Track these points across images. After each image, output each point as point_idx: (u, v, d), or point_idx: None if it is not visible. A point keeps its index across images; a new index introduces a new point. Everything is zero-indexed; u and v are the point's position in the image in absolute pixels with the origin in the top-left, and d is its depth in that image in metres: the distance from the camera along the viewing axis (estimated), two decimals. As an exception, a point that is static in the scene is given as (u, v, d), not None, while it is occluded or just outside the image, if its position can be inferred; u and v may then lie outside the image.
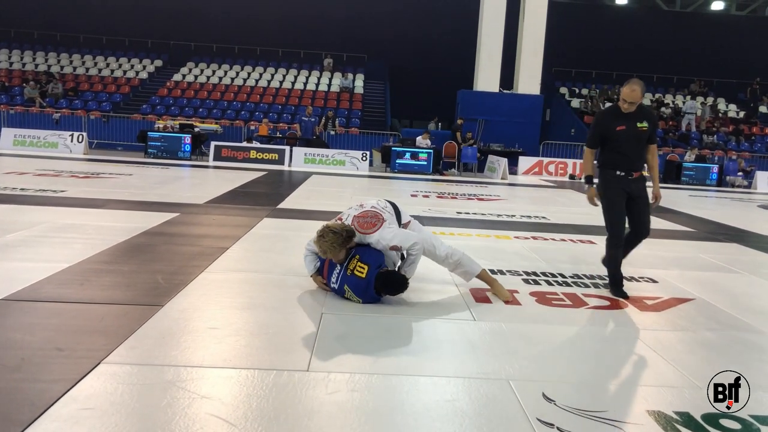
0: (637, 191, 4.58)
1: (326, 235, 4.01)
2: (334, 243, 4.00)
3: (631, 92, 4.39)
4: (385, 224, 4.22)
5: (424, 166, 17.22)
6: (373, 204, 4.45)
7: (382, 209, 4.40)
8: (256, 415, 2.47)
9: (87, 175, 11.37)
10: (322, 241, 4.02)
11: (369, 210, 4.34)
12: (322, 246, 4.03)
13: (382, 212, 4.34)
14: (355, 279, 4.05)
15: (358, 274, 4.04)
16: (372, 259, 4.09)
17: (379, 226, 4.18)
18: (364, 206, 4.41)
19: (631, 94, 4.39)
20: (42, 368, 2.80)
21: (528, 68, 20.59)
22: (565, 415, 2.62)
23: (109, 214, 7.15)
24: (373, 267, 4.04)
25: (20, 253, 4.96)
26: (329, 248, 4.02)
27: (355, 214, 4.31)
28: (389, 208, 4.49)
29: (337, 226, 4.09)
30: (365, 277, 4.01)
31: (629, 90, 4.39)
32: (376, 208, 4.38)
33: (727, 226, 8.83)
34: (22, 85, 22.84)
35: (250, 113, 23.01)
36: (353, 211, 4.37)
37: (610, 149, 4.61)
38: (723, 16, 29.18)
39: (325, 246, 4.02)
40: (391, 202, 4.60)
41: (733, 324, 4.17)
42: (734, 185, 18.87)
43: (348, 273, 4.08)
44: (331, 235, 4.01)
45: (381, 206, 4.44)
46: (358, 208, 4.39)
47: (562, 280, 5.09)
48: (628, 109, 4.44)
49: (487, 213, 9.30)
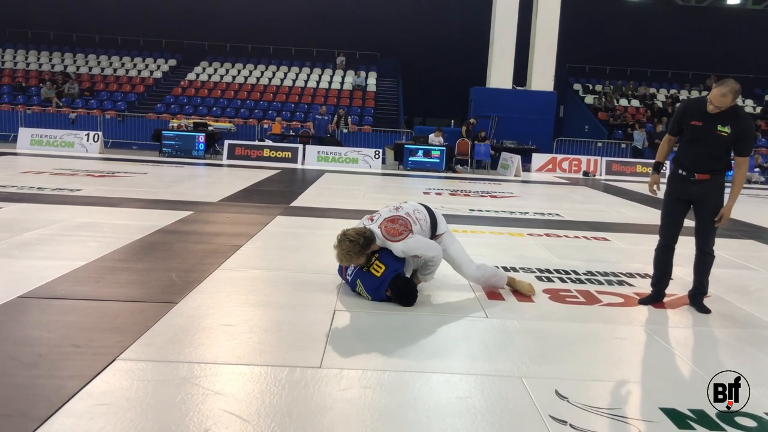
0: (699, 196, 4.11)
1: (342, 243, 3.97)
2: (350, 251, 3.95)
3: (721, 98, 3.84)
4: (410, 235, 4.11)
5: (436, 163, 17.19)
6: (408, 211, 4.28)
7: (416, 219, 4.23)
8: (269, 411, 2.48)
9: (102, 174, 11.47)
10: (338, 249, 3.98)
11: (401, 216, 4.19)
12: (337, 254, 4.00)
13: (413, 222, 4.19)
14: (369, 276, 4.05)
15: (374, 271, 4.04)
16: (390, 262, 4.07)
17: (404, 237, 4.07)
18: (399, 210, 4.27)
19: (721, 100, 3.84)
20: (58, 365, 2.83)
21: (541, 64, 20.46)
22: (578, 413, 2.61)
23: (124, 212, 7.22)
24: (390, 269, 4.03)
25: (37, 251, 5.02)
26: (344, 256, 3.98)
27: (387, 216, 4.19)
28: (426, 217, 4.32)
29: (354, 233, 4.01)
30: (380, 277, 4.01)
31: (719, 94, 3.83)
32: (409, 216, 4.22)
33: (743, 223, 8.73)
34: (39, 85, 23.09)
35: (263, 112, 23.09)
36: (387, 212, 4.26)
37: (682, 143, 4.20)
38: (739, 11, 28.77)
39: (341, 255, 3.98)
40: (429, 209, 4.42)
41: (748, 321, 4.13)
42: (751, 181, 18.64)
43: (364, 269, 4.08)
44: (347, 243, 3.95)
45: (416, 216, 4.26)
46: (393, 210, 4.27)
47: (576, 278, 5.07)
48: (713, 111, 3.92)
49: (500, 210, 9.27)
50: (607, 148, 20.80)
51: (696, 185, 4.11)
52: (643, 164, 18.72)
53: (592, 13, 26.94)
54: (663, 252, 4.36)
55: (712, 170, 4.09)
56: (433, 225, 4.34)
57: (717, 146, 4.01)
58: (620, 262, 5.77)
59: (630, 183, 16.09)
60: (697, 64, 27.32)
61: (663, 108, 24.24)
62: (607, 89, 25.99)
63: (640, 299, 4.46)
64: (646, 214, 9.46)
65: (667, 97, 25.68)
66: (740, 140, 3.99)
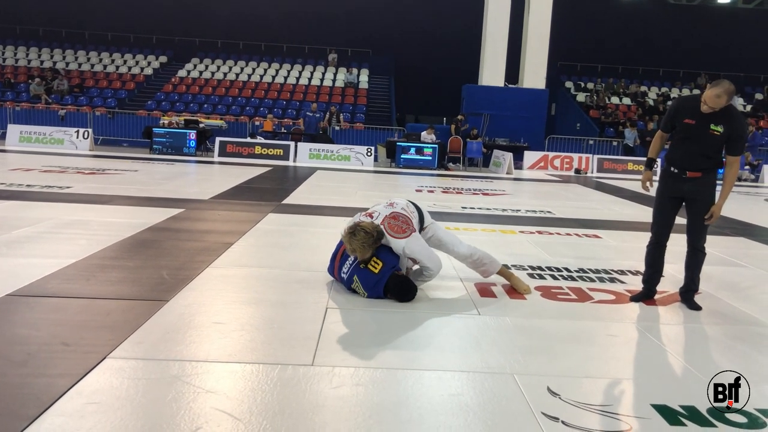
0: (691, 194, 4.11)
1: (357, 234, 3.94)
2: (365, 242, 3.94)
3: (715, 99, 3.83)
4: (414, 234, 4.14)
5: (429, 161, 17.19)
6: (403, 206, 4.34)
7: (411, 213, 4.30)
8: (261, 409, 2.47)
9: (92, 172, 11.40)
10: (353, 239, 3.94)
11: (400, 213, 4.23)
12: (352, 244, 3.96)
13: (411, 216, 4.26)
14: (366, 273, 4.05)
15: (371, 268, 4.03)
16: (388, 259, 4.08)
17: (408, 234, 4.09)
18: (395, 206, 4.30)
19: (715, 101, 3.84)
20: (48, 363, 2.81)
21: (533, 62, 20.49)
22: (570, 409, 2.61)
23: (114, 210, 7.17)
24: (388, 266, 4.03)
25: (26, 249, 4.98)
26: (359, 247, 3.95)
27: (386, 213, 4.20)
28: (414, 212, 4.38)
29: (369, 225, 4.00)
30: (377, 273, 4.01)
31: (713, 95, 3.82)
32: (405, 211, 4.27)
33: (733, 220, 8.78)
34: (28, 81, 22.89)
35: (254, 109, 23.01)
36: (383, 209, 4.27)
37: (674, 141, 4.20)
38: (730, 9, 28.92)
39: (356, 244, 3.95)
40: (416, 204, 4.49)
41: (739, 318, 4.15)
42: (741, 179, 18.76)
43: (361, 266, 4.08)
44: (362, 233, 3.93)
45: (409, 210, 4.33)
46: (388, 207, 4.28)
47: (567, 275, 5.08)
48: (707, 111, 3.91)
49: (492, 208, 9.28)
50: (599, 146, 20.88)
51: (687, 183, 4.12)
52: (634, 162, 18.80)
53: (584, 11, 26.99)
54: (654, 249, 4.37)
55: (704, 168, 4.10)
56: (420, 218, 4.42)
57: (709, 145, 4.02)
58: (612, 260, 5.79)
59: (621, 180, 16.17)
60: (689, 62, 27.46)
61: (654, 106, 24.36)
62: (598, 87, 26.07)
63: (631, 296, 4.48)
64: (638, 212, 9.50)
65: (659, 95, 25.80)
66: (732, 139, 4.00)
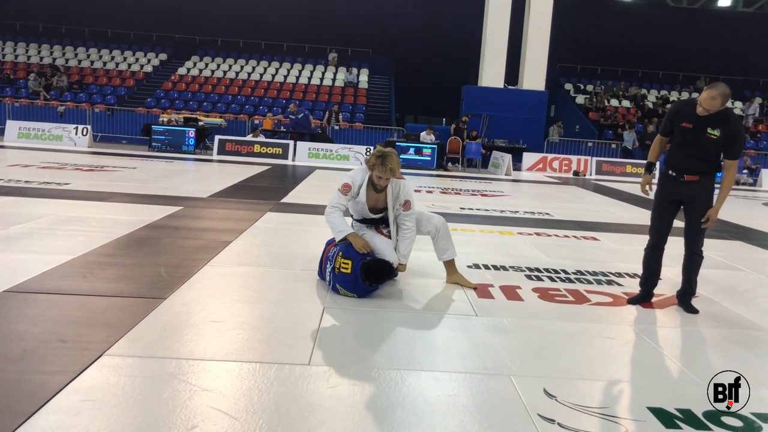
0: (689, 198, 4.12)
1: (392, 154, 4.12)
2: (396, 158, 4.13)
3: (710, 100, 3.84)
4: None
5: (428, 161, 17.19)
6: None
7: None
8: (257, 408, 2.47)
9: (91, 168, 11.39)
10: (389, 159, 4.08)
11: None
12: (389, 163, 4.08)
13: None
14: (342, 276, 4.08)
15: (343, 270, 4.07)
16: (354, 253, 4.11)
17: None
18: None
19: (710, 103, 3.84)
20: (44, 360, 2.80)
21: (533, 64, 20.50)
22: (567, 411, 2.61)
23: (112, 207, 7.16)
24: (357, 260, 4.06)
25: (24, 245, 4.97)
26: (396, 163, 4.12)
27: None
28: None
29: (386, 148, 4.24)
30: (351, 272, 4.04)
31: (708, 97, 3.83)
32: None
33: (731, 224, 8.79)
34: (27, 77, 22.86)
35: (254, 107, 23.00)
36: None
37: (673, 144, 4.22)
38: (730, 13, 28.97)
39: (392, 162, 4.09)
40: None
41: (736, 321, 4.16)
42: (739, 183, 18.78)
43: (336, 272, 4.11)
44: (394, 154, 4.13)
45: None
46: None
47: (565, 277, 5.08)
48: (702, 113, 3.92)
49: (491, 209, 9.28)
50: (598, 148, 20.90)
51: (685, 186, 4.12)
52: (632, 164, 18.82)
53: (584, 14, 27.01)
54: (652, 252, 4.38)
55: (702, 172, 4.10)
56: None
57: (706, 149, 4.02)
58: (609, 262, 5.79)
59: (620, 183, 16.18)
60: (688, 65, 27.50)
61: (653, 109, 24.37)
62: (598, 89, 26.09)
63: (628, 299, 4.48)
64: (636, 214, 9.51)
65: (658, 98, 25.81)
66: (730, 143, 4.00)
